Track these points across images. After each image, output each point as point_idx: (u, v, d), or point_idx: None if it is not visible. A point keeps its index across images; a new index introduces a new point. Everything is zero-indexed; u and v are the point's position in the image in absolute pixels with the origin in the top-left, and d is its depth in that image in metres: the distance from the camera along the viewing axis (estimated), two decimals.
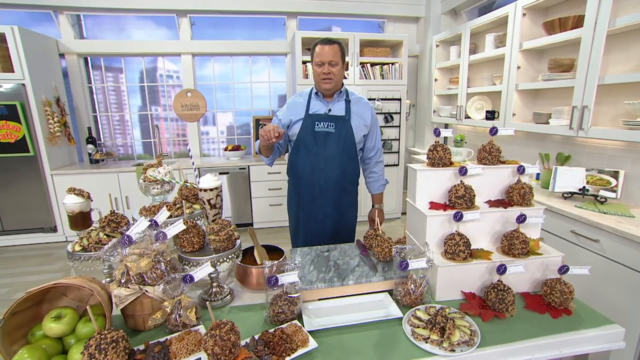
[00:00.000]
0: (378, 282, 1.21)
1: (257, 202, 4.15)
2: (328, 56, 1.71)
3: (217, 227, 1.14)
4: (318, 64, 1.72)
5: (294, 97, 1.88)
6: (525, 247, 1.18)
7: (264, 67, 4.51)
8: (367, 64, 3.98)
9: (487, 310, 1.11)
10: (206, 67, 4.34)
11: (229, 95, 4.50)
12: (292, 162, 1.87)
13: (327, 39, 1.75)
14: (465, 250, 1.16)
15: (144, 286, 0.97)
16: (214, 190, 1.18)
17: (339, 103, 1.81)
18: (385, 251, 1.28)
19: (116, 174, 3.70)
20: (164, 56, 4.15)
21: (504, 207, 1.25)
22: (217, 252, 1.14)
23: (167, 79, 4.25)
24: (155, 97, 4.28)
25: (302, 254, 1.42)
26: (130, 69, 4.17)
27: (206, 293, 1.22)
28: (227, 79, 4.44)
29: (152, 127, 4.25)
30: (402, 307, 1.14)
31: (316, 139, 1.75)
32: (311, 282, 1.19)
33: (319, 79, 1.74)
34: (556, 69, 2.48)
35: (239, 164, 4.03)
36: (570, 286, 1.11)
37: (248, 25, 4.32)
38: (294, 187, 1.94)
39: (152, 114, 4.31)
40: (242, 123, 4.67)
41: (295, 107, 1.82)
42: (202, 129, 4.53)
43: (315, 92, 1.81)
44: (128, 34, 4.08)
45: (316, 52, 1.73)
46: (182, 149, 4.52)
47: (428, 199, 1.30)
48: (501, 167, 1.31)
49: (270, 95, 4.61)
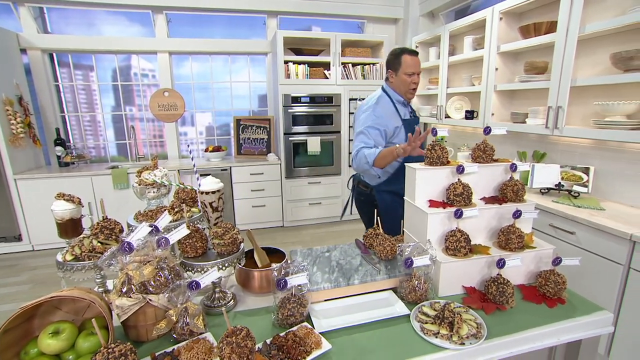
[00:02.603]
0: (383, 280, 1.22)
1: (239, 203, 4.08)
2: (417, 67, 1.85)
3: (221, 231, 1.11)
4: (409, 74, 1.85)
5: (376, 105, 1.90)
6: (521, 241, 1.24)
7: (244, 67, 4.44)
8: (348, 64, 4.02)
9: (489, 303, 1.15)
10: (184, 66, 4.22)
11: (207, 95, 4.40)
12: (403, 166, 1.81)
13: (411, 49, 1.88)
14: (466, 246, 1.19)
15: (148, 295, 0.93)
16: (216, 193, 1.15)
17: (409, 106, 2.02)
18: (387, 250, 1.30)
19: (89, 177, 3.50)
20: (139, 54, 3.99)
21: (499, 204, 1.30)
22: (222, 257, 1.11)
23: (143, 77, 4.09)
24: (130, 96, 4.10)
25: (302, 255, 1.42)
26: (102, 67, 3.96)
27: (208, 299, 1.18)
28: (205, 79, 4.33)
29: (127, 128, 4.07)
30: (407, 304, 1.16)
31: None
32: (317, 283, 1.19)
33: (408, 88, 1.88)
34: (532, 70, 2.60)
35: (220, 165, 3.95)
36: (563, 277, 1.18)
37: (227, 24, 4.24)
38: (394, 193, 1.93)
39: (127, 115, 4.12)
40: (221, 123, 4.57)
41: (388, 115, 1.88)
42: (180, 129, 4.40)
43: (403, 101, 1.94)
44: (98, 29, 3.87)
45: (406, 62, 1.84)
46: (158, 150, 4.36)
47: (427, 197, 1.33)
48: (495, 165, 1.36)
49: (251, 95, 4.55)
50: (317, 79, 4.00)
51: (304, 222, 4.38)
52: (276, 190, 4.16)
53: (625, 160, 2.18)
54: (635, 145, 2.11)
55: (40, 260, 3.42)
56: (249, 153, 4.37)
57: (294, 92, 3.93)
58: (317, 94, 4.00)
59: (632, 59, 1.94)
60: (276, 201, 4.19)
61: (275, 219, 4.26)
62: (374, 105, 1.90)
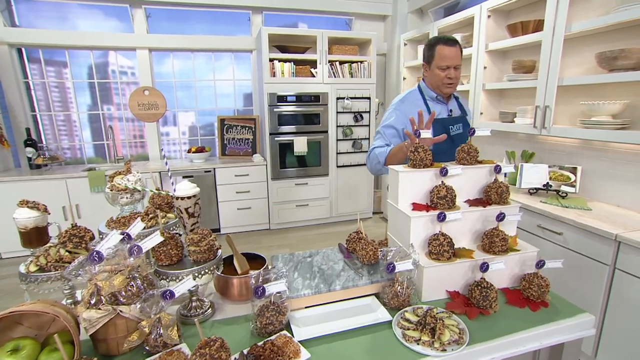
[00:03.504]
0: (365, 286, 1.23)
1: (224, 206, 4.06)
2: (454, 59, 1.63)
3: (197, 238, 1.10)
4: (442, 68, 1.65)
5: (402, 102, 1.77)
6: (505, 244, 1.26)
7: (228, 64, 4.41)
8: (335, 62, 4.03)
9: (472, 308, 1.16)
10: (165, 63, 4.17)
11: (190, 94, 4.35)
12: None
13: (448, 38, 1.66)
14: (449, 250, 1.21)
15: (118, 306, 0.91)
16: (192, 198, 1.14)
17: (452, 102, 1.81)
18: (370, 254, 1.31)
19: (64, 180, 3.43)
20: (117, 50, 3.92)
21: (483, 206, 1.32)
22: (198, 264, 1.10)
23: (121, 75, 4.02)
24: (108, 95, 4.03)
25: (284, 261, 1.41)
26: (77, 64, 3.88)
27: (185, 308, 1.17)
28: (188, 76, 4.29)
29: (104, 128, 4.00)
30: (389, 310, 1.16)
31: (454, 142, 1.68)
32: (297, 290, 1.19)
33: (442, 83, 1.68)
34: (519, 69, 2.65)
35: (203, 166, 3.91)
36: (546, 280, 1.20)
37: (210, 20, 4.20)
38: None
39: (105, 114, 4.05)
40: (205, 123, 4.53)
41: (411, 112, 1.68)
42: (162, 129, 4.35)
43: (436, 96, 1.76)
44: (72, 24, 3.78)
45: (439, 53, 1.64)
46: (139, 151, 4.30)
47: (410, 200, 1.34)
48: (479, 167, 1.38)
49: (236, 93, 4.52)
50: (304, 77, 3.99)
51: (291, 225, 4.37)
52: (262, 192, 4.14)
53: (611, 159, 2.24)
54: (620, 145, 2.17)
55: (8, 269, 3.34)
56: (234, 154, 4.34)
57: (280, 90, 3.92)
58: (303, 93, 3.99)
59: (616, 59, 1.99)
60: (262, 203, 4.18)
61: (261, 222, 4.24)
62: (399, 102, 1.78)
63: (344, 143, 4.26)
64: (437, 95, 1.76)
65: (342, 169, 4.33)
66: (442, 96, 1.76)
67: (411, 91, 1.82)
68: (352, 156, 4.33)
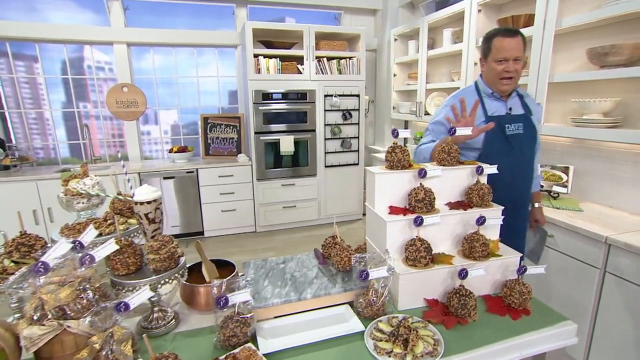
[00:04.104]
0: (338, 294, 1.20)
1: (207, 208, 4.01)
2: (513, 51, 1.53)
3: (157, 245, 1.06)
4: (499, 61, 1.56)
5: (456, 97, 1.71)
6: (486, 249, 1.24)
7: (212, 60, 4.36)
8: (323, 58, 4.00)
9: (450, 317, 1.14)
10: (145, 59, 4.11)
11: (172, 91, 4.30)
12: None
13: (508, 28, 1.60)
14: (427, 255, 1.19)
15: (66, 321, 0.87)
16: (152, 203, 1.10)
17: (514, 100, 1.71)
18: (345, 260, 1.28)
19: (34, 182, 3.33)
20: (92, 44, 3.84)
21: (463, 209, 1.30)
22: (158, 273, 1.07)
23: (98, 71, 3.95)
24: (83, 91, 3.95)
25: (255, 268, 1.38)
26: (49, 58, 3.78)
27: (146, 320, 1.13)
28: (170, 73, 4.23)
29: (80, 127, 3.93)
30: (364, 320, 1.14)
31: (510, 143, 1.63)
32: (266, 299, 1.16)
33: (498, 78, 1.60)
34: None
35: (185, 167, 3.87)
36: (528, 286, 1.18)
37: (192, 13, 4.15)
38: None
39: (81, 112, 3.98)
40: (188, 122, 4.48)
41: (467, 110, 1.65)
42: (143, 128, 4.29)
43: (492, 92, 1.67)
44: (43, 15, 3.68)
45: (495, 46, 1.56)
46: (118, 151, 4.24)
47: (387, 203, 1.32)
48: (460, 168, 1.36)
49: (220, 91, 4.47)
50: (290, 74, 3.96)
51: (278, 227, 4.34)
52: (247, 194, 4.10)
53: (603, 159, 2.24)
54: (611, 144, 2.17)
55: None
56: (218, 154, 4.30)
57: (265, 88, 3.88)
58: (290, 90, 3.96)
59: (607, 55, 1.98)
60: (247, 205, 4.14)
61: (246, 224, 4.20)
62: (451, 98, 1.75)
63: (333, 142, 4.23)
64: (494, 92, 1.67)
65: (331, 169, 4.30)
66: (499, 93, 1.67)
67: (467, 87, 1.77)
68: (340, 156, 4.30)
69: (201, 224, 4.06)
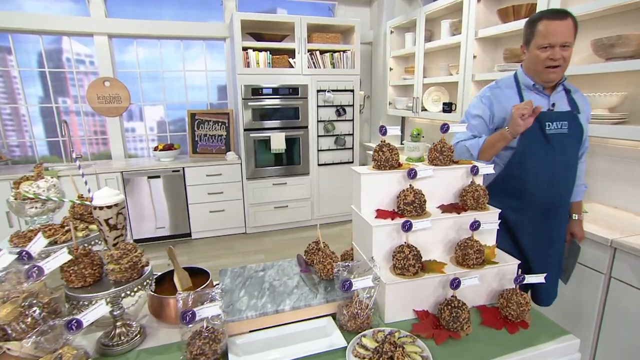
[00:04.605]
0: (319, 305, 1.14)
1: (195, 209, 3.94)
2: (561, 36, 1.36)
3: (118, 254, 0.99)
4: (543, 48, 1.40)
5: (492, 90, 1.60)
6: (480, 256, 1.17)
7: (199, 54, 4.28)
8: (316, 51, 3.94)
9: (441, 331, 1.08)
10: (128, 52, 4.02)
11: (158, 86, 4.22)
12: (515, 175, 1.54)
13: (556, 10, 1.42)
14: (416, 263, 1.12)
15: (6, 343, 0.80)
16: (113, 207, 1.03)
17: (559, 94, 1.54)
18: (328, 268, 1.22)
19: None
20: (71, 36, 3.74)
21: (457, 213, 1.24)
22: (119, 285, 1.00)
23: (77, 64, 3.85)
24: (62, 85, 3.85)
25: (232, 276, 1.32)
26: (23, 50, 3.67)
27: (107, 336, 1.06)
28: (155, 67, 4.15)
29: (59, 123, 3.83)
30: (347, 334, 1.08)
31: (551, 143, 1.49)
32: (240, 312, 1.09)
33: (543, 67, 1.43)
34: (511, 58, 2.58)
35: (171, 165, 3.79)
36: (526, 297, 1.12)
37: (178, 4, 4.07)
38: (513, 209, 1.54)
39: (60, 107, 3.88)
40: (175, 118, 4.41)
41: (501, 102, 1.55)
42: (127, 125, 4.21)
43: (533, 84, 1.51)
44: (16, 3, 3.57)
45: (540, 30, 1.39)
46: (101, 149, 4.15)
47: (374, 206, 1.25)
48: (454, 168, 1.29)
49: (208, 85, 4.40)
50: (281, 68, 3.89)
51: (269, 228, 4.28)
52: (237, 193, 4.04)
53: (608, 157, 2.18)
54: (617, 141, 2.11)
55: None
56: (206, 151, 4.22)
57: (255, 82, 3.81)
58: (281, 85, 3.89)
59: (613, 46, 1.92)
60: (237, 205, 4.07)
61: (236, 225, 4.14)
62: (488, 89, 1.62)
63: (326, 139, 4.17)
64: (536, 83, 1.51)
65: (324, 168, 4.24)
66: (542, 85, 1.51)
67: (505, 78, 1.62)
68: (334, 153, 4.24)
69: (188, 225, 3.99)
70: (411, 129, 3.69)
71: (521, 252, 1.58)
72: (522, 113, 1.38)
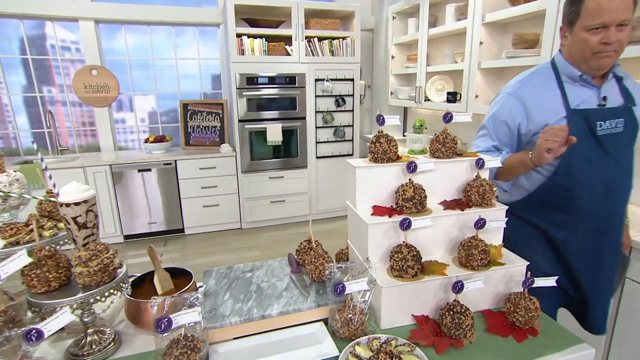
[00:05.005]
0: (309, 310, 1.07)
1: (187, 203, 3.89)
2: (616, 13, 1.09)
3: (87, 255, 0.93)
4: (594, 29, 1.13)
5: (523, 83, 1.32)
6: (486, 257, 1.10)
7: (192, 41, 4.19)
8: (313, 38, 3.85)
9: (442, 338, 1.02)
10: (116, 39, 3.93)
11: (148, 74, 4.13)
12: (562, 186, 1.28)
13: None
14: (415, 265, 1.05)
15: None
16: (82, 204, 0.96)
17: (609, 84, 1.28)
18: (320, 269, 1.15)
19: None
20: (55, 21, 3.64)
21: (460, 209, 1.17)
22: (87, 290, 0.93)
23: (63, 51, 3.76)
24: (47, 74, 3.76)
25: (217, 277, 1.25)
26: (4, 35, 3.57)
27: (77, 344, 1.00)
28: (145, 54, 4.05)
29: (44, 114, 3.75)
30: (340, 341, 1.01)
31: (603, 146, 1.24)
32: (223, 317, 1.03)
33: (592, 53, 1.17)
34: (520, 44, 2.49)
35: (163, 158, 3.73)
36: (535, 302, 1.05)
37: None
38: (560, 226, 1.33)
39: (45, 97, 3.79)
40: (167, 109, 4.33)
41: (538, 100, 1.27)
42: (117, 115, 4.13)
43: (580, 74, 1.24)
44: None
45: (588, 8, 1.13)
46: (89, 141, 4.08)
47: (371, 202, 1.18)
48: (457, 161, 1.22)
49: (202, 74, 4.32)
50: (277, 55, 3.80)
51: (266, 224, 4.23)
52: (232, 187, 3.98)
53: None
54: None
55: None
56: (199, 144, 4.15)
57: (250, 71, 3.72)
58: (277, 74, 3.81)
59: (634, 30, 1.83)
60: (232, 199, 4.01)
61: (231, 221, 4.09)
62: (517, 83, 1.34)
63: (324, 131, 4.10)
64: (583, 74, 1.24)
65: (323, 160, 4.18)
66: (590, 75, 1.25)
67: (539, 68, 1.33)
68: (333, 146, 4.18)
69: (181, 221, 3.94)
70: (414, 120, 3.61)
71: (571, 274, 1.38)
72: (549, 147, 1.13)
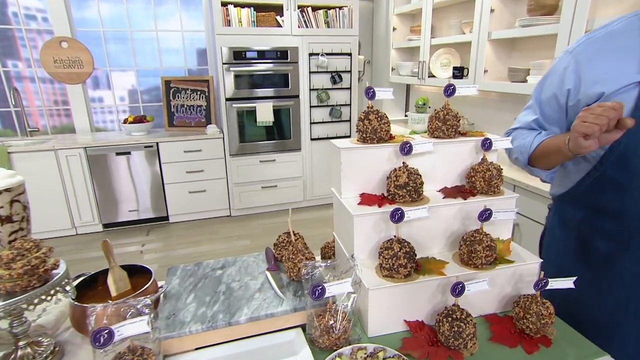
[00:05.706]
0: (284, 315, 0.96)
1: (171, 189, 3.79)
2: None
3: (9, 255, 0.81)
4: None
5: (596, 40, 0.99)
6: (491, 254, 0.99)
7: (174, 11, 4.00)
8: (307, 8, 3.70)
9: (439, 348, 0.91)
10: (88, 7, 3.74)
11: (127, 48, 3.96)
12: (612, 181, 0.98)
13: None
14: (408, 263, 0.94)
15: None
16: (4, 194, 0.83)
17: None
18: (299, 267, 1.04)
19: None
20: None
21: (463, 198, 1.04)
22: (11, 297, 0.82)
23: (28, 20, 3.57)
24: (11, 46, 3.58)
25: (183, 276, 1.14)
26: None
27: (7, 359, 0.89)
28: (122, 25, 3.87)
29: (10, 92, 3.58)
30: (319, 351, 0.91)
31: None
32: (183, 324, 0.92)
33: None
34: (537, 11, 2.33)
35: (143, 140, 3.60)
36: (549, 307, 0.94)
37: None
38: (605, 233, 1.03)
39: (10, 72, 3.63)
40: (149, 86, 4.17)
41: (597, 58, 0.97)
42: (93, 94, 3.98)
43: None
44: None
45: None
46: (63, 121, 3.93)
47: (358, 189, 1.06)
48: (460, 141, 1.09)
49: (185, 48, 4.15)
50: (267, 27, 3.65)
51: (257, 210, 4.16)
52: (219, 172, 3.89)
53: None
54: None
55: None
56: (184, 124, 4.02)
57: (238, 44, 3.57)
58: (267, 48, 3.65)
59: None
60: (220, 185, 3.92)
61: (219, 207, 4.00)
62: (587, 40, 1.01)
63: (319, 110, 3.98)
64: None
65: (318, 142, 4.09)
66: None
67: (622, 19, 0.97)
68: (329, 126, 4.07)
69: (165, 208, 3.84)
70: (416, 99, 3.47)
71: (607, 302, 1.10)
72: (584, 132, 0.86)
